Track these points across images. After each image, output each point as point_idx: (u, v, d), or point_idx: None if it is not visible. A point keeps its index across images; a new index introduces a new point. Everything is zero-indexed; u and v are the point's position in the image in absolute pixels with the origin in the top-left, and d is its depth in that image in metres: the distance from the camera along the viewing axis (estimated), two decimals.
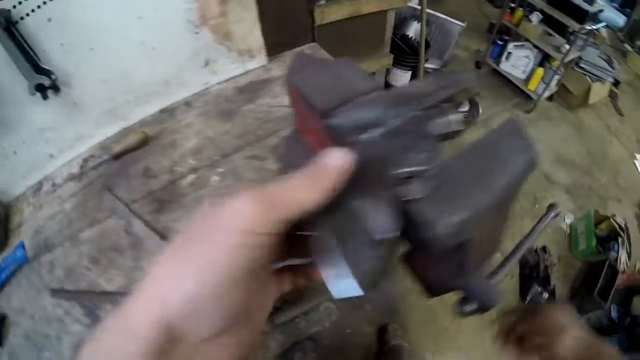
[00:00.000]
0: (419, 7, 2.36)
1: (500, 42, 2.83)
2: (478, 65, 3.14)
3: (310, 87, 0.45)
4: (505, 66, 2.86)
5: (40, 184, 0.94)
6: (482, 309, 0.35)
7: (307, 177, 0.23)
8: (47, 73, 0.75)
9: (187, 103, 1.06)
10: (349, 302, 1.71)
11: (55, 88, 0.79)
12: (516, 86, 2.82)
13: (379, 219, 0.26)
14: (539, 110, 2.77)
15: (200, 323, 0.19)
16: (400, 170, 0.28)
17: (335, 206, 0.26)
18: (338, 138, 0.31)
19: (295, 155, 0.42)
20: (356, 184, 0.26)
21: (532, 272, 1.96)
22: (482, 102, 2.80)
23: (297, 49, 1.15)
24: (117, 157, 0.94)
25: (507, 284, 1.98)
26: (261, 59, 1.11)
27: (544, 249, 2.03)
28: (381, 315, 1.74)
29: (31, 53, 0.72)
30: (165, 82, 1.00)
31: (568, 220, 2.19)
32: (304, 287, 0.31)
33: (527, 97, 2.76)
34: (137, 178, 0.90)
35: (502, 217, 0.36)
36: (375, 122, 0.31)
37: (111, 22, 0.83)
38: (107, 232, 0.81)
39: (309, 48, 1.16)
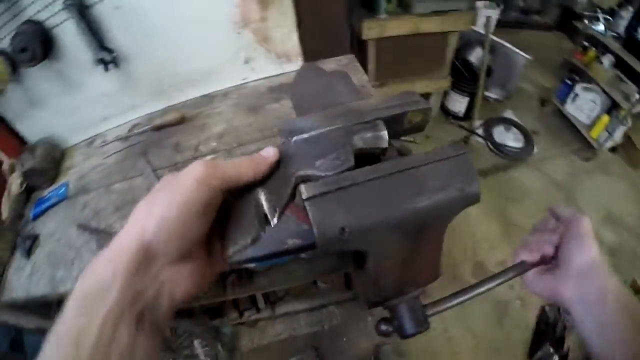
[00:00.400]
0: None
1: (569, 82, 2.64)
2: (543, 102, 2.96)
3: (298, 95, 0.52)
4: (570, 108, 2.65)
5: (93, 138, 1.13)
6: (398, 332, 0.35)
7: (248, 159, 0.32)
8: (109, 50, 0.91)
9: (225, 93, 1.19)
10: (354, 312, 1.74)
11: (116, 63, 0.95)
12: (578, 131, 2.61)
13: (267, 208, 0.32)
14: (599, 161, 2.54)
15: (168, 245, 0.27)
16: (302, 172, 0.33)
17: (252, 189, 0.33)
18: (281, 138, 0.37)
19: None
20: (271, 175, 0.33)
21: (548, 329, 1.84)
22: (538, 142, 2.64)
23: (334, 59, 1.23)
24: (158, 129, 1.09)
25: (519, 334, 1.87)
26: (298, 64, 1.19)
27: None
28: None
29: (98, 33, 0.88)
30: (209, 73, 1.14)
31: None
32: None
33: (588, 144, 2.54)
34: (169, 149, 1.04)
35: (430, 245, 0.36)
36: (305, 129, 0.36)
37: (166, 16, 0.96)
38: (133, 188, 0.96)
39: (345, 59, 1.23)
